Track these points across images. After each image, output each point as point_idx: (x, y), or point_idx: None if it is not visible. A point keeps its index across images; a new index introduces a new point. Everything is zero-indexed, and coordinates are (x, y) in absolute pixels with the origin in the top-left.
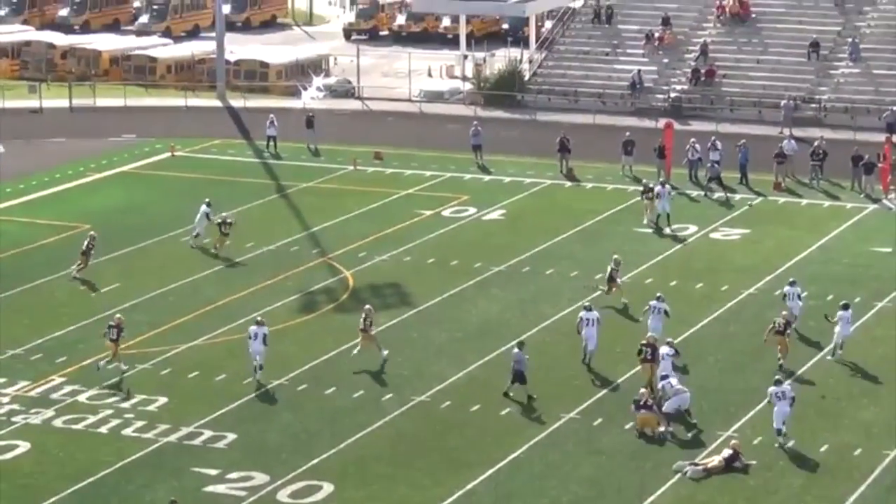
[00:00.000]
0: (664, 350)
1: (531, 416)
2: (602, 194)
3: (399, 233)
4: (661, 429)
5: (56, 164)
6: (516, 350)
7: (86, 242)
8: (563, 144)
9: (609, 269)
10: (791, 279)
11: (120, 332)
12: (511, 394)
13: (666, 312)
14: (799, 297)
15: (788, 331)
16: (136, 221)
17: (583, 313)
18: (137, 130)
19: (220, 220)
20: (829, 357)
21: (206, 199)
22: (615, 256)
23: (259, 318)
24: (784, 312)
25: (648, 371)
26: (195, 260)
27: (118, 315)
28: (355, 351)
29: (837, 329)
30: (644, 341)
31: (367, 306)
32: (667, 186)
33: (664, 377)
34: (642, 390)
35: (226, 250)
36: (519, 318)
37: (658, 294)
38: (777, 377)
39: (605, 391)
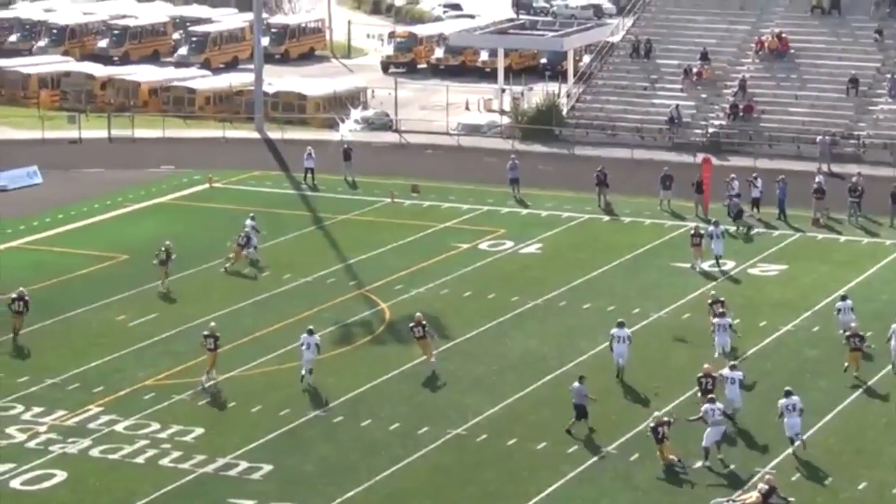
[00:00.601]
0: (734, 374)
1: (567, 451)
2: (640, 229)
3: (436, 266)
4: (698, 464)
5: (94, 195)
6: (577, 384)
7: (161, 252)
8: (601, 178)
9: (714, 307)
10: (842, 294)
11: (216, 340)
12: (573, 431)
13: (731, 327)
14: (852, 309)
15: (866, 342)
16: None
17: (615, 330)
18: (176, 161)
19: (240, 235)
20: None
21: (251, 214)
22: (712, 293)
23: (311, 328)
24: (853, 324)
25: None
26: (233, 290)
27: (212, 323)
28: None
29: (894, 343)
30: (701, 373)
31: (418, 314)
32: (721, 226)
33: (711, 400)
34: (656, 414)
35: (240, 266)
36: (555, 353)
37: (721, 310)
38: (787, 388)
39: (641, 426)
